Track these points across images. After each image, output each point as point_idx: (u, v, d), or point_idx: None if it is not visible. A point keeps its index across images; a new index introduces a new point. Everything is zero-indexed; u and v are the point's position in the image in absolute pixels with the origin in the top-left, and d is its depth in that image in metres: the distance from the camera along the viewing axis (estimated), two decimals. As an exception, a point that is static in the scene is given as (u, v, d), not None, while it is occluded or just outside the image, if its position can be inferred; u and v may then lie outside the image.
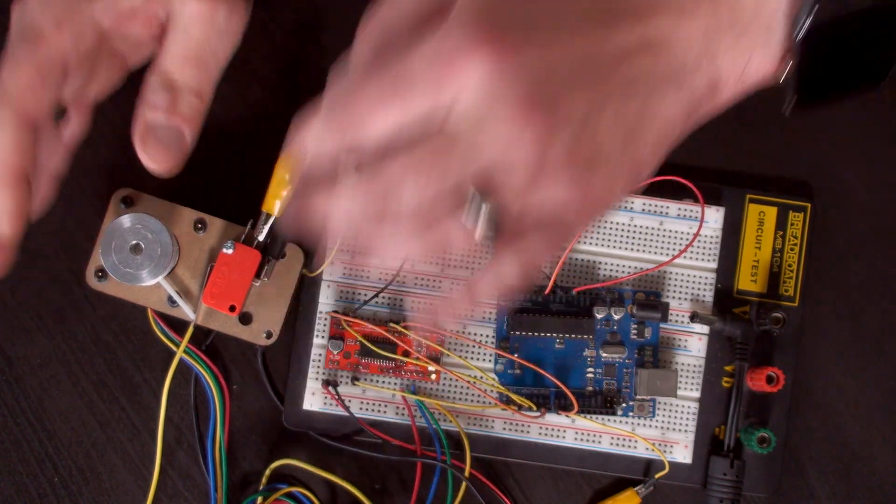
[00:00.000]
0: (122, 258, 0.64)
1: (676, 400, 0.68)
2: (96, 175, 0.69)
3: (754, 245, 0.69)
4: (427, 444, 0.67)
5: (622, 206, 0.68)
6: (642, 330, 0.68)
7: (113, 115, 0.69)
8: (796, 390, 0.69)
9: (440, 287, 0.68)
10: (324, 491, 0.68)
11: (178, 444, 0.68)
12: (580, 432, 0.68)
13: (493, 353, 0.67)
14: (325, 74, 0.70)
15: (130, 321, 0.68)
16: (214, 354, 0.68)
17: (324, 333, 0.67)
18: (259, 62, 0.70)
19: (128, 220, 0.64)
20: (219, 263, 0.64)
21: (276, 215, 0.65)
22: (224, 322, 0.66)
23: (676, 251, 0.68)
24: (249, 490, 0.68)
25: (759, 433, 0.67)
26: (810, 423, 0.69)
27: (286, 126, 0.68)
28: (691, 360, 0.68)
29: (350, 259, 0.68)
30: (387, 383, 0.67)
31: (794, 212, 0.69)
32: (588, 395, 0.67)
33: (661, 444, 0.68)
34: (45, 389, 0.68)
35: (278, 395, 0.68)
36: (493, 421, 0.67)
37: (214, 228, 0.66)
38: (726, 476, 0.66)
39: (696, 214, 0.68)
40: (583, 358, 0.67)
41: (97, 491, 0.68)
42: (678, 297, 0.68)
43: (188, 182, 0.69)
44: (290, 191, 0.64)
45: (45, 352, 0.68)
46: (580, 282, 0.68)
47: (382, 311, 0.68)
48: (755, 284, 0.69)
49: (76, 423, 0.68)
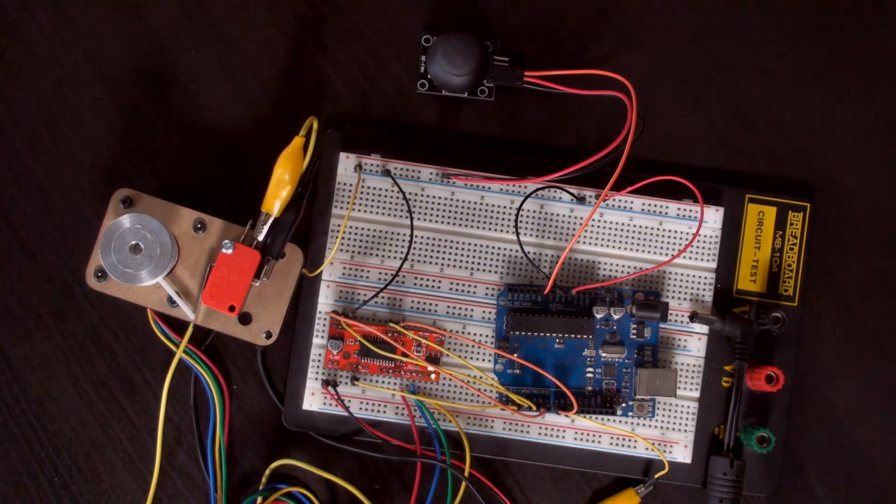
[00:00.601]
0: (121, 258, 0.64)
1: (676, 400, 0.68)
2: (96, 175, 0.69)
3: (754, 245, 0.69)
4: (427, 444, 0.67)
5: (622, 205, 0.68)
6: (642, 330, 0.68)
7: (113, 115, 0.69)
8: (796, 390, 0.69)
9: (440, 287, 0.68)
10: (323, 491, 0.68)
11: (178, 444, 0.68)
12: (580, 432, 0.68)
13: (493, 352, 0.67)
14: (324, 74, 0.70)
15: (130, 321, 0.68)
16: (214, 354, 0.68)
17: (323, 333, 0.67)
18: (259, 62, 0.70)
19: (127, 220, 0.64)
20: (218, 263, 0.64)
21: (276, 215, 0.65)
22: (224, 322, 0.66)
23: (676, 251, 0.68)
24: (249, 490, 0.68)
25: (758, 433, 0.67)
26: (810, 423, 0.69)
27: (286, 126, 0.69)
28: (691, 359, 0.68)
29: (350, 259, 0.68)
30: (386, 383, 0.67)
31: (794, 212, 0.69)
32: (588, 395, 0.67)
33: (661, 444, 0.68)
34: (45, 389, 0.68)
35: (278, 395, 0.68)
36: (492, 421, 0.67)
37: (214, 228, 0.66)
38: (726, 476, 0.66)
39: (696, 214, 0.68)
40: (582, 358, 0.67)
41: (97, 491, 0.68)
42: (678, 297, 0.68)
43: (188, 182, 0.69)
44: (290, 191, 0.64)
45: (45, 352, 0.68)
46: (580, 282, 0.68)
47: (382, 311, 0.68)
48: (755, 284, 0.69)
49: (76, 423, 0.68)
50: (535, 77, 0.67)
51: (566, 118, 0.70)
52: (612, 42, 0.71)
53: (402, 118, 0.70)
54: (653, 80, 0.70)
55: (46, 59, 0.69)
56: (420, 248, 0.68)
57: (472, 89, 0.69)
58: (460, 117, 0.70)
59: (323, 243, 0.68)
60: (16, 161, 0.69)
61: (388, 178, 0.68)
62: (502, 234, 0.68)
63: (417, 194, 0.68)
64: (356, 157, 0.68)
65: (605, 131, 0.70)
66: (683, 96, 0.71)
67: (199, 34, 0.70)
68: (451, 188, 0.68)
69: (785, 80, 0.71)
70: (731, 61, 0.71)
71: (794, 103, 0.71)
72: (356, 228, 0.68)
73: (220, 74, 0.70)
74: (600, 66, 0.70)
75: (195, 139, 0.69)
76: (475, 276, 0.68)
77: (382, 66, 0.70)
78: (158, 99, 0.69)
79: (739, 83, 0.71)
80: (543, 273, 0.68)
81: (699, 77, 0.71)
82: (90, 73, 0.69)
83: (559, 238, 0.68)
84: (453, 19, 0.70)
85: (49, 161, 0.69)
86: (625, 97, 0.65)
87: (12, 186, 0.69)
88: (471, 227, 0.68)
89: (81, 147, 0.69)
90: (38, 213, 0.69)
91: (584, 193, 0.68)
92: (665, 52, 0.71)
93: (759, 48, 0.71)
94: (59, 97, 0.69)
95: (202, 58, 0.70)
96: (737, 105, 0.71)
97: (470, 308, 0.68)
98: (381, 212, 0.68)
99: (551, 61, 0.70)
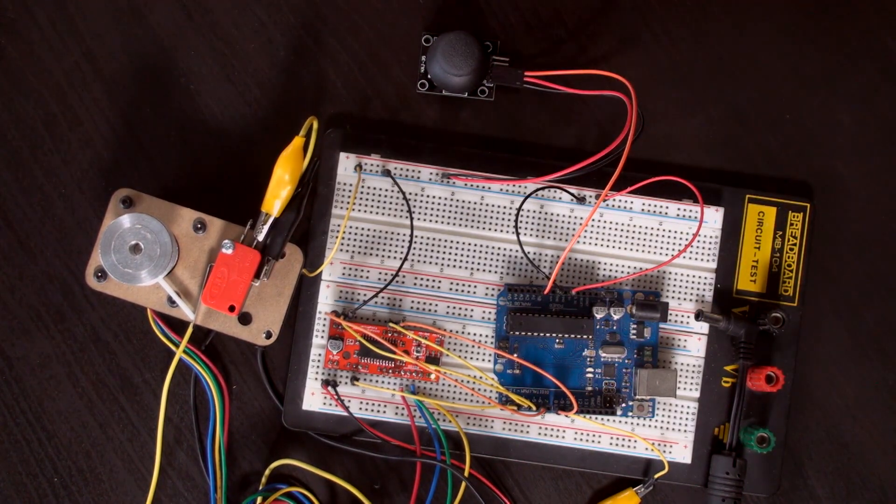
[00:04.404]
0: (121, 258, 0.64)
1: (676, 400, 0.68)
2: (96, 175, 0.69)
3: (754, 245, 0.69)
4: (426, 444, 0.67)
5: (622, 206, 0.68)
6: (642, 330, 0.68)
7: (113, 115, 0.69)
8: (796, 390, 0.69)
9: (440, 287, 0.68)
10: (323, 491, 0.68)
11: (177, 444, 0.68)
12: (580, 432, 0.68)
13: (493, 352, 0.67)
14: (324, 74, 0.70)
15: (130, 321, 0.68)
16: (214, 354, 0.68)
17: (323, 333, 0.67)
18: (259, 62, 0.70)
19: (127, 220, 0.64)
20: (218, 264, 0.64)
21: (276, 215, 0.65)
22: (223, 322, 0.66)
23: (676, 251, 0.68)
24: (249, 490, 0.68)
25: (758, 433, 0.67)
26: (809, 423, 0.69)
27: (286, 126, 0.69)
28: (691, 360, 0.68)
29: (350, 259, 0.68)
30: (386, 383, 0.67)
31: (794, 212, 0.69)
32: (587, 395, 0.67)
33: (661, 444, 0.68)
34: (45, 390, 0.68)
35: (278, 395, 0.68)
36: (492, 421, 0.67)
37: (214, 228, 0.66)
38: (728, 475, 0.66)
39: (696, 214, 0.68)
40: (582, 358, 0.67)
41: (97, 491, 0.68)
42: (677, 297, 0.68)
43: (188, 182, 0.69)
44: (290, 191, 0.64)
45: (45, 352, 0.68)
46: (579, 282, 0.68)
47: (382, 311, 0.68)
48: (754, 284, 0.69)
49: (76, 423, 0.68)
50: (535, 77, 0.67)
51: (566, 118, 0.70)
52: (612, 42, 0.71)
53: (402, 118, 0.70)
54: (653, 80, 0.70)
55: (46, 59, 0.69)
56: (420, 248, 0.68)
57: (472, 89, 0.69)
58: (460, 117, 0.70)
59: (323, 243, 0.68)
60: (16, 161, 0.69)
61: (388, 178, 0.68)
62: (502, 234, 0.68)
63: (417, 194, 0.68)
64: (356, 157, 0.68)
65: (605, 131, 0.70)
66: (683, 96, 0.71)
67: (199, 34, 0.70)
68: (451, 188, 0.68)
69: (785, 80, 0.71)
70: (731, 61, 0.71)
71: (794, 103, 0.71)
72: (356, 228, 0.68)
73: (220, 74, 0.70)
74: (600, 66, 0.70)
75: (195, 139, 0.69)
76: (475, 276, 0.68)
77: (382, 66, 0.70)
78: (158, 99, 0.69)
79: (739, 83, 0.71)
80: (543, 273, 0.68)
81: (699, 77, 0.71)
82: (90, 73, 0.69)
83: (559, 238, 0.68)
84: (453, 19, 0.70)
85: (49, 161, 0.69)
86: (625, 97, 0.65)
87: (12, 186, 0.69)
88: (471, 227, 0.68)
89: (81, 147, 0.69)
90: (38, 212, 0.69)
91: (584, 193, 0.68)
92: (665, 52, 0.71)
93: (759, 48, 0.71)
94: (59, 97, 0.69)
95: (202, 58, 0.70)
96: (737, 105, 0.71)
97: (470, 308, 0.68)
98: (381, 212, 0.68)
99: (551, 61, 0.70)
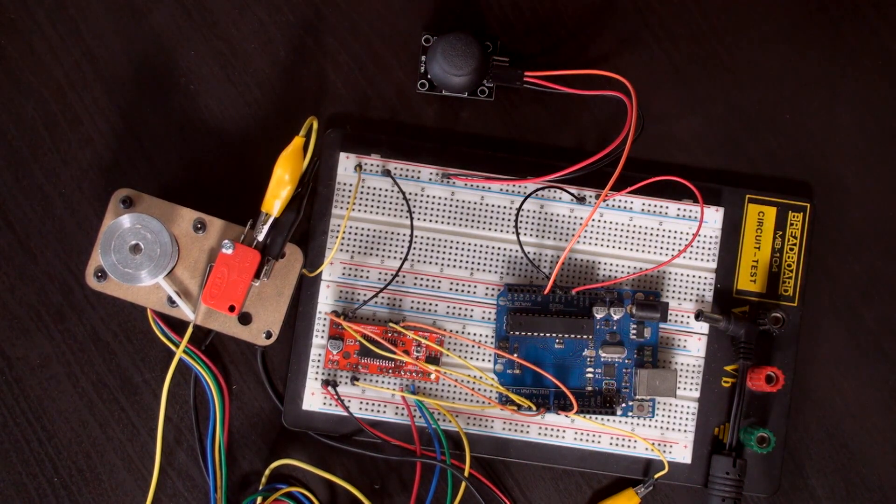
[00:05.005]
0: (121, 258, 0.64)
1: (676, 400, 0.68)
2: (96, 175, 0.69)
3: (754, 245, 0.69)
4: (426, 444, 0.67)
5: (622, 206, 0.68)
6: (641, 330, 0.68)
7: (113, 115, 0.69)
8: (796, 390, 0.69)
9: (440, 287, 0.68)
10: (323, 491, 0.68)
11: (177, 444, 0.68)
12: (580, 432, 0.68)
13: (493, 352, 0.67)
14: (324, 74, 0.70)
15: (130, 321, 0.68)
16: (214, 354, 0.68)
17: (323, 333, 0.67)
18: (259, 62, 0.70)
19: (127, 220, 0.64)
20: (218, 263, 0.64)
21: (276, 215, 0.65)
22: (224, 322, 0.66)
23: (676, 251, 0.68)
24: (249, 490, 0.68)
25: (758, 433, 0.67)
26: (809, 423, 0.69)
27: (286, 126, 0.69)
28: (691, 360, 0.68)
29: (350, 259, 0.68)
30: (386, 383, 0.67)
31: (794, 212, 0.69)
32: (587, 395, 0.67)
33: (661, 444, 0.68)
34: (45, 389, 0.68)
35: (278, 395, 0.68)
36: (492, 421, 0.67)
37: (214, 228, 0.66)
38: (728, 475, 0.66)
39: (696, 214, 0.68)
40: (582, 358, 0.67)
41: (97, 491, 0.68)
42: (677, 297, 0.68)
43: (188, 182, 0.69)
44: (290, 191, 0.64)
45: (45, 352, 0.68)
46: (579, 282, 0.68)
47: (382, 311, 0.68)
48: (754, 284, 0.69)
49: (76, 423, 0.68)
50: (535, 77, 0.67)
51: (566, 118, 0.70)
52: (612, 42, 0.71)
53: (402, 118, 0.70)
54: (653, 80, 0.70)
55: (46, 59, 0.69)
56: (420, 248, 0.68)
57: (472, 89, 0.69)
58: (460, 117, 0.70)
59: (323, 243, 0.68)
60: (16, 161, 0.69)
61: (388, 178, 0.68)
62: (502, 234, 0.68)
63: (417, 194, 0.68)
64: (356, 157, 0.68)
65: (605, 131, 0.70)
66: (683, 96, 0.71)
67: (199, 34, 0.70)
68: (451, 188, 0.68)
69: (785, 80, 0.71)
70: (731, 61, 0.71)
71: (794, 103, 0.71)
72: (356, 228, 0.68)
73: (220, 74, 0.70)
74: (600, 66, 0.70)
75: (195, 139, 0.69)
76: (475, 276, 0.68)
77: (382, 66, 0.70)
78: (158, 99, 0.69)
79: (739, 83, 0.71)
80: (543, 273, 0.68)
81: (699, 77, 0.71)
82: (90, 73, 0.69)
83: (559, 238, 0.68)
84: (453, 19, 0.70)
85: (49, 161, 0.69)
86: (625, 97, 0.65)
87: (12, 186, 0.69)
88: (471, 227, 0.68)
89: (81, 147, 0.69)
90: (38, 212, 0.69)
91: (584, 193, 0.68)
92: (665, 52, 0.71)
93: (759, 48, 0.71)
94: (59, 97, 0.69)
95: (202, 58, 0.70)
96: (737, 105, 0.71)
97: (470, 308, 0.68)
98: (381, 212, 0.68)
99: (551, 61, 0.70)
